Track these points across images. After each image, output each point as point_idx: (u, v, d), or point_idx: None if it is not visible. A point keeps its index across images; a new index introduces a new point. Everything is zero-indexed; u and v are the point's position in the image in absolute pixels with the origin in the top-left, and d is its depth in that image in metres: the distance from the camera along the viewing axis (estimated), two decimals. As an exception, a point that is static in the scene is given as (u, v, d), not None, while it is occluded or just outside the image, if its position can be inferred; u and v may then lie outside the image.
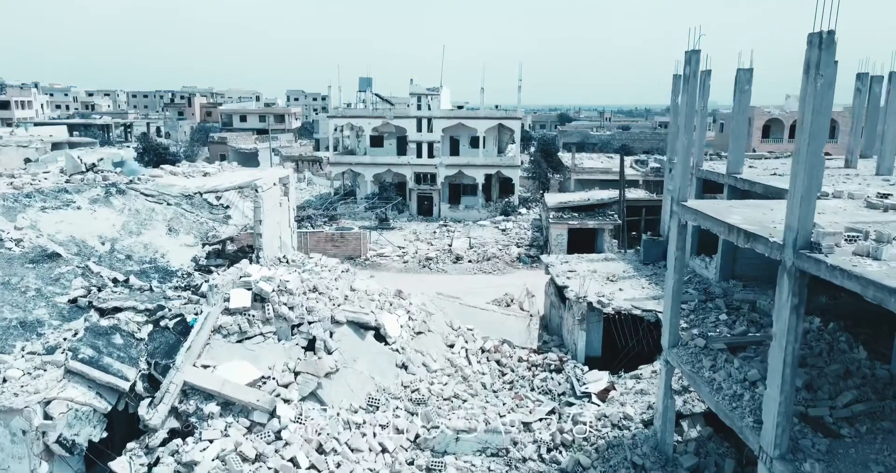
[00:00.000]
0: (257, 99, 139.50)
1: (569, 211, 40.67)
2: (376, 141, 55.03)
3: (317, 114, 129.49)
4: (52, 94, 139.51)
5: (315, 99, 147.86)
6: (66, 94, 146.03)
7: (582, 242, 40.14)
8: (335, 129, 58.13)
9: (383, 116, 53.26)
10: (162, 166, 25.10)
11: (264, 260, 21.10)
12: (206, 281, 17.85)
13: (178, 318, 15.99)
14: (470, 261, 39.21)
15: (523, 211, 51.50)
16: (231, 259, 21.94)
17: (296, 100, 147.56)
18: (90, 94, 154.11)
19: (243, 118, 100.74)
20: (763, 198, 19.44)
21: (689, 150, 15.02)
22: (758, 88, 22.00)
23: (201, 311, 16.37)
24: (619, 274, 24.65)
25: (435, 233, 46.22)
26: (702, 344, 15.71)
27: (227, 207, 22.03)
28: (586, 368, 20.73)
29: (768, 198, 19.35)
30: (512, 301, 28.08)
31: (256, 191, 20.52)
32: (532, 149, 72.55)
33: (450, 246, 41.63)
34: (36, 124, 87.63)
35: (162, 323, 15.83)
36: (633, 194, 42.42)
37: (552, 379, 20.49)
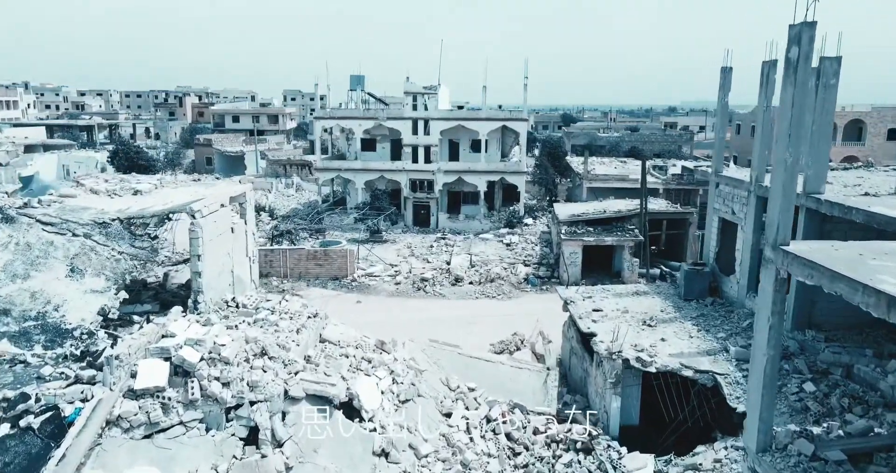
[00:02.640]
0: (252, 99, 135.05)
1: (583, 225, 35.88)
2: (368, 144, 50.23)
3: (313, 114, 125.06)
4: (42, 94, 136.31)
5: (312, 99, 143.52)
6: (56, 94, 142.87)
7: (598, 260, 35.49)
8: (324, 131, 53.30)
9: (376, 117, 48.42)
10: (82, 181, 20.34)
11: (205, 305, 16.25)
12: (112, 345, 13.00)
13: (51, 412, 11.18)
14: (471, 283, 34.36)
15: (529, 221, 46.63)
16: (167, 302, 17.07)
17: (293, 100, 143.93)
18: (82, 94, 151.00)
19: (236, 119, 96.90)
20: (865, 230, 14.68)
21: (795, 171, 10.16)
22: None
23: (92, 396, 11.56)
24: (657, 314, 19.79)
25: (432, 246, 41.41)
26: (808, 449, 10.91)
27: (155, 238, 17.16)
28: (624, 450, 15.86)
29: (873, 230, 14.55)
30: (522, 342, 23.28)
31: (193, 217, 15.64)
32: (536, 152, 67.70)
33: (448, 264, 36.77)
34: (14, 125, 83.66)
35: (23, 422, 11.01)
36: (653, 205, 37.66)
37: (579, 463, 15.64)
